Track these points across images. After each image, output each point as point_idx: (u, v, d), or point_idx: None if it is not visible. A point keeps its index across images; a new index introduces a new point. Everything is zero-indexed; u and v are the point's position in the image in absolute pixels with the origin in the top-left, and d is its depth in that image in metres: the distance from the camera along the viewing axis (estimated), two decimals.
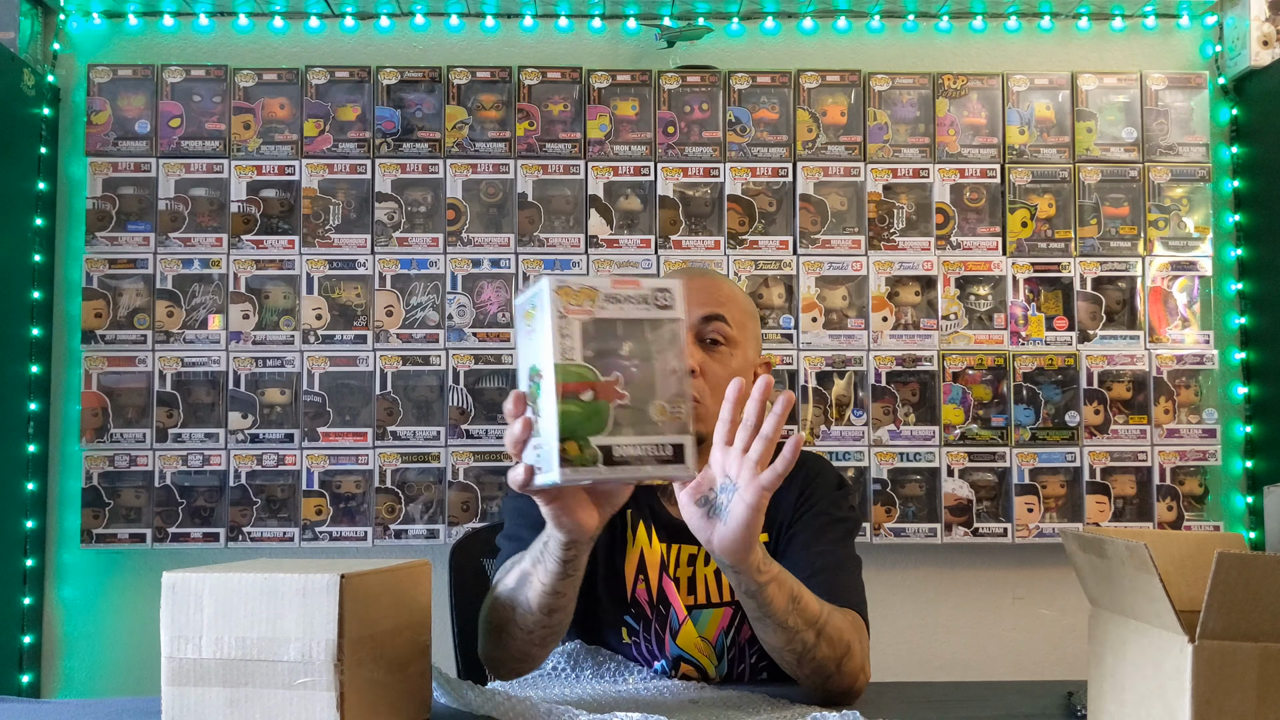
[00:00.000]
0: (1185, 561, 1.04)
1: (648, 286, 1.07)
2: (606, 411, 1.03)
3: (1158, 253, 2.74)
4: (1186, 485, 2.70)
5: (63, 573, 2.70)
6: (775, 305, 2.72)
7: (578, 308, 1.04)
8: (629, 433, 1.04)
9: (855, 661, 1.32)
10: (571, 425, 1.02)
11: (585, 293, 1.04)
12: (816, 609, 1.29)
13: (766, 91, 2.76)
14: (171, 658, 1.09)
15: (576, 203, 2.72)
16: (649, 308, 1.07)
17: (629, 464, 1.03)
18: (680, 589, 1.49)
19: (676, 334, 1.07)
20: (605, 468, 1.02)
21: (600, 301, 1.05)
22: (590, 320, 1.04)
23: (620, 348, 1.05)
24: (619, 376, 1.04)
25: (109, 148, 2.68)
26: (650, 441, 1.05)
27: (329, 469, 2.64)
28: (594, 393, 1.03)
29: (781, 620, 1.25)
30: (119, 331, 2.65)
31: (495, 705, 1.21)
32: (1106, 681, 1.06)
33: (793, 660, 1.29)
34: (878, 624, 1.49)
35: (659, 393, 1.05)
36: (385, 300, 2.68)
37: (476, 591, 1.79)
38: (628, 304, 1.06)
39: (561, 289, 1.04)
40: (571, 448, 1.02)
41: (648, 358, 1.06)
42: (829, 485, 1.54)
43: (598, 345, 1.04)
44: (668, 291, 1.08)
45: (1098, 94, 2.77)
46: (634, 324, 1.06)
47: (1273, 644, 0.89)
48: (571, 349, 1.03)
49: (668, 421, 1.05)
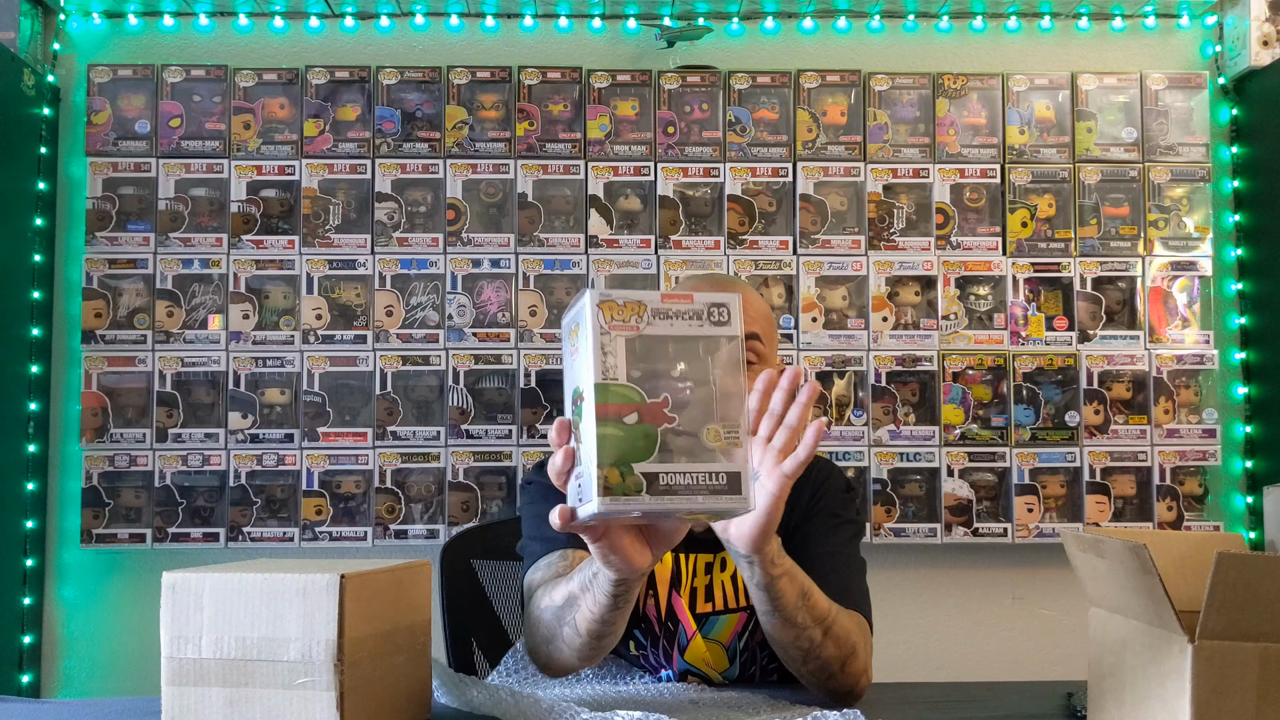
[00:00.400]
0: (1185, 561, 1.04)
1: (702, 301, 0.99)
2: (653, 436, 0.95)
3: (1158, 253, 2.74)
4: (1186, 485, 2.70)
5: (63, 573, 2.70)
6: (775, 305, 2.72)
7: (623, 323, 0.96)
8: (679, 460, 0.96)
9: (859, 663, 1.32)
10: (612, 450, 0.94)
11: (631, 307, 0.97)
12: (825, 607, 1.29)
13: (766, 91, 2.76)
14: (171, 658, 1.09)
15: (576, 203, 2.72)
16: (703, 324, 0.99)
17: (677, 494, 0.95)
18: (697, 598, 1.49)
19: (734, 353, 0.99)
20: (650, 497, 0.94)
21: (648, 317, 0.97)
22: (637, 337, 0.97)
23: (671, 368, 0.97)
24: (667, 398, 0.96)
25: (109, 148, 2.68)
26: (702, 469, 0.96)
27: (329, 469, 2.64)
28: (639, 415, 0.95)
29: (791, 615, 1.26)
30: (119, 331, 2.65)
31: (497, 704, 1.21)
32: (1106, 681, 1.06)
33: (798, 657, 1.29)
34: (877, 624, 1.49)
35: (714, 417, 0.98)
36: (385, 300, 2.68)
37: (467, 592, 1.80)
38: (679, 320, 0.98)
39: (605, 303, 0.96)
40: (613, 475, 0.94)
41: (702, 379, 0.98)
42: (838, 488, 1.55)
43: (646, 365, 0.97)
44: (724, 307, 1.00)
45: (1098, 94, 2.77)
46: (686, 341, 0.98)
47: (1273, 644, 0.89)
48: (615, 368, 0.96)
49: (723, 449, 0.97)
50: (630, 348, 0.96)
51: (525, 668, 1.47)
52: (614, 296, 0.97)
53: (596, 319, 0.96)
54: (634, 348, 0.97)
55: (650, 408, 0.96)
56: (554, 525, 1.01)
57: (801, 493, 1.53)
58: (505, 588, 1.86)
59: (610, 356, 0.96)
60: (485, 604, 1.82)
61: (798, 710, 1.26)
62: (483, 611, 1.81)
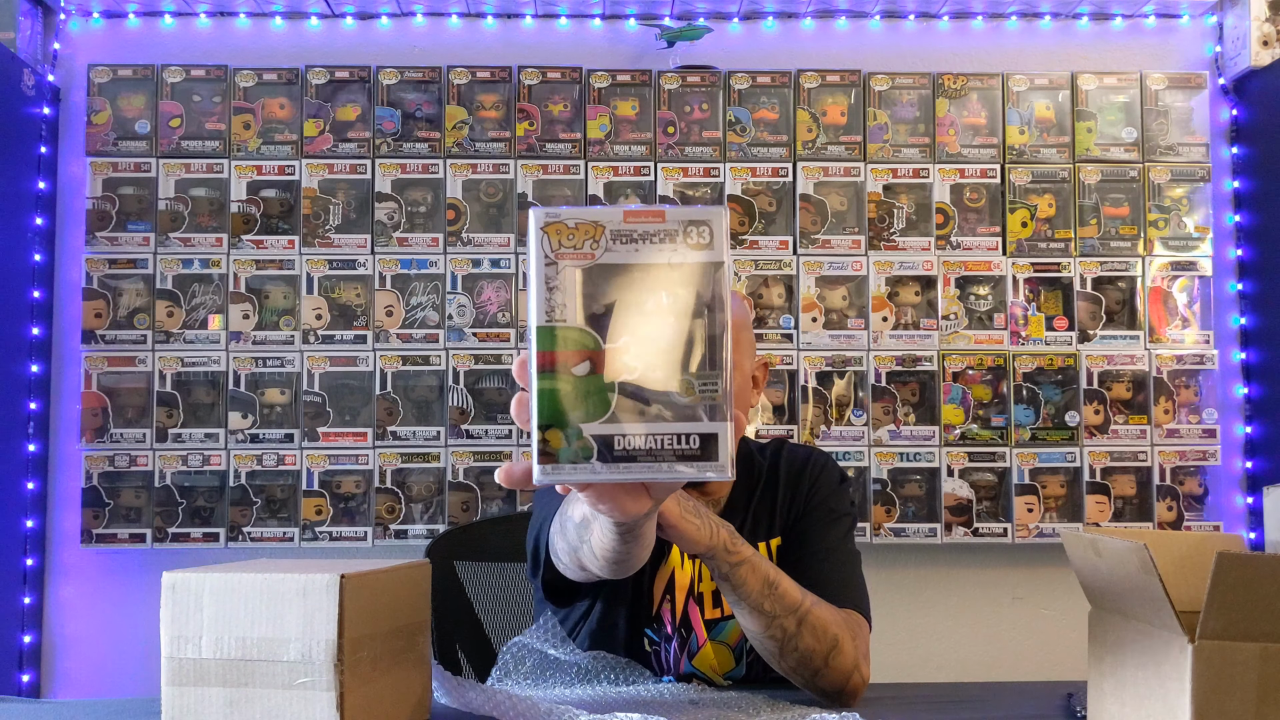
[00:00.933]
0: (1185, 561, 1.04)
1: (676, 219, 0.80)
2: (609, 390, 0.79)
3: (1158, 253, 2.74)
4: (1186, 485, 2.70)
5: (63, 573, 2.70)
6: (775, 305, 2.72)
7: (574, 250, 0.79)
8: (641, 419, 0.79)
9: (846, 658, 1.31)
10: (553, 409, 0.79)
11: (586, 229, 0.79)
12: (797, 597, 1.28)
13: (766, 91, 2.76)
14: (171, 658, 1.09)
15: (577, 203, 2.71)
16: (677, 247, 0.80)
17: (636, 460, 0.79)
18: (705, 603, 1.49)
19: (717, 283, 0.80)
20: (602, 465, 0.78)
21: (607, 240, 0.79)
22: (592, 266, 0.79)
23: (636, 303, 0.80)
24: (628, 342, 0.79)
25: (109, 148, 2.68)
26: (669, 431, 0.79)
27: (329, 469, 2.63)
28: (591, 364, 0.79)
29: (756, 604, 1.25)
30: (119, 331, 2.65)
31: (496, 705, 1.21)
32: (1106, 682, 1.06)
33: (774, 649, 1.29)
34: (878, 624, 1.49)
35: (689, 364, 0.79)
36: (385, 300, 2.68)
37: (450, 594, 1.80)
38: (646, 243, 0.80)
39: (552, 225, 0.79)
40: (555, 438, 0.79)
41: (676, 317, 0.80)
42: (833, 481, 1.55)
43: (604, 300, 0.79)
44: (704, 225, 0.80)
45: (1098, 94, 2.77)
46: (657, 270, 0.80)
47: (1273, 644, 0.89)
48: (562, 306, 0.79)
49: (696, 403, 0.79)
50: (586, 280, 0.79)
51: (521, 667, 1.47)
52: (563, 217, 0.79)
53: (541, 245, 0.79)
54: (590, 279, 0.79)
55: (606, 354, 0.79)
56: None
57: (799, 484, 1.53)
58: (487, 589, 1.86)
59: (557, 292, 0.79)
60: (468, 606, 1.82)
61: (797, 711, 1.26)
62: (466, 614, 1.81)
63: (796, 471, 1.56)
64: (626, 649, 1.48)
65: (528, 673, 1.45)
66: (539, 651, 1.48)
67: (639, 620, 1.48)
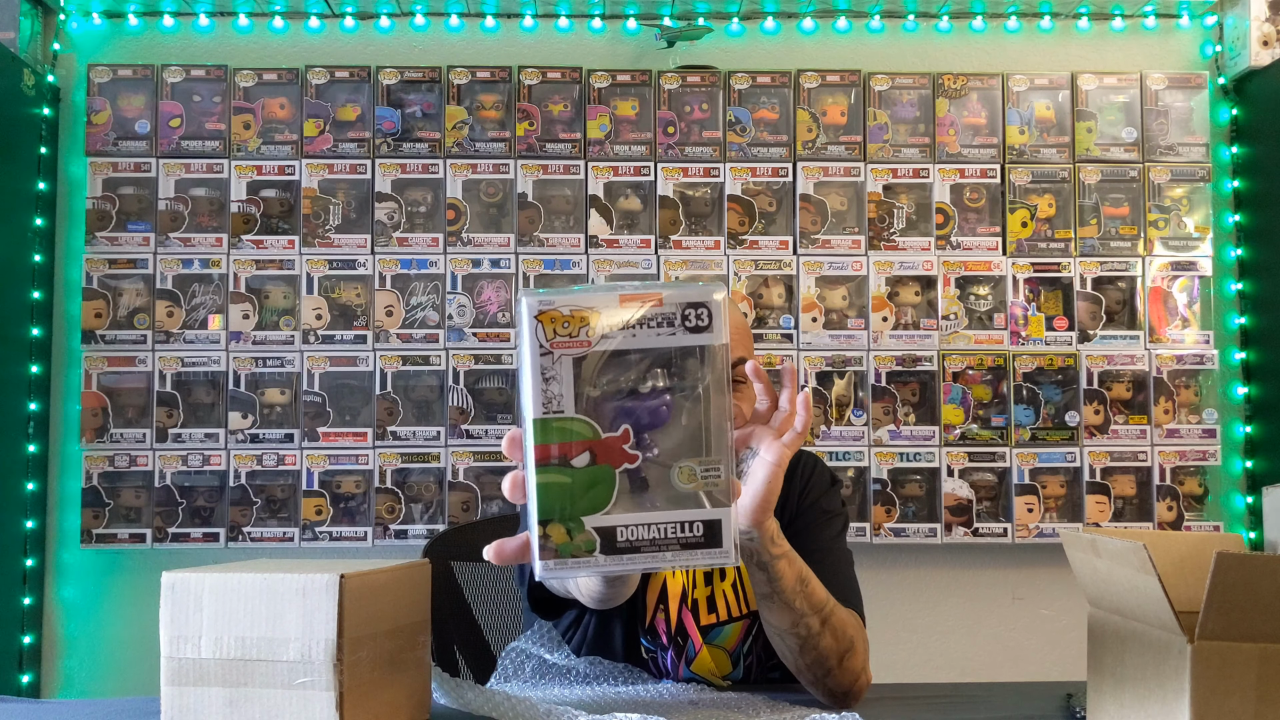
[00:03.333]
0: (1185, 562, 1.04)
1: (674, 303, 0.78)
2: (609, 481, 0.77)
3: (1158, 253, 2.74)
4: (1186, 485, 2.70)
5: (63, 573, 2.70)
6: (775, 305, 2.72)
7: (569, 338, 0.78)
8: (643, 508, 0.77)
9: (857, 659, 1.32)
10: (553, 504, 0.77)
11: (579, 317, 0.77)
12: (823, 596, 1.29)
13: (766, 91, 2.76)
14: (171, 658, 1.09)
15: (576, 203, 2.72)
16: (675, 331, 0.78)
17: (640, 551, 0.77)
18: (700, 610, 1.49)
19: (718, 367, 0.79)
20: (605, 558, 0.77)
21: (601, 326, 0.78)
22: (586, 354, 0.78)
23: (635, 389, 0.78)
24: (627, 431, 0.77)
25: (109, 148, 2.68)
26: (671, 519, 0.77)
27: (329, 469, 2.63)
28: (591, 455, 0.77)
29: (789, 599, 1.26)
30: (119, 331, 2.65)
31: (495, 705, 1.21)
32: (1106, 682, 1.06)
33: (795, 646, 1.29)
34: (878, 624, 1.49)
35: (690, 449, 0.78)
36: (385, 300, 2.68)
37: (447, 595, 1.80)
38: (643, 329, 0.78)
39: (546, 313, 0.78)
40: (557, 533, 0.77)
41: (678, 400, 0.78)
42: (824, 482, 1.56)
43: (602, 387, 0.78)
44: (703, 309, 0.78)
45: (1098, 94, 2.77)
46: (655, 355, 0.78)
47: (1272, 644, 0.89)
48: (558, 397, 0.77)
49: (700, 490, 0.78)
50: (580, 369, 0.78)
51: (522, 669, 1.47)
52: (557, 304, 0.78)
53: (535, 335, 0.78)
54: (586, 368, 0.78)
55: (606, 444, 0.77)
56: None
57: (791, 488, 1.53)
58: (484, 590, 1.86)
59: (554, 383, 0.78)
60: (465, 607, 1.82)
61: (797, 712, 1.26)
62: (463, 615, 1.81)
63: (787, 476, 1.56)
64: (624, 659, 1.48)
65: (527, 678, 1.45)
66: (537, 656, 1.48)
67: (634, 632, 1.48)
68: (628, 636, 1.48)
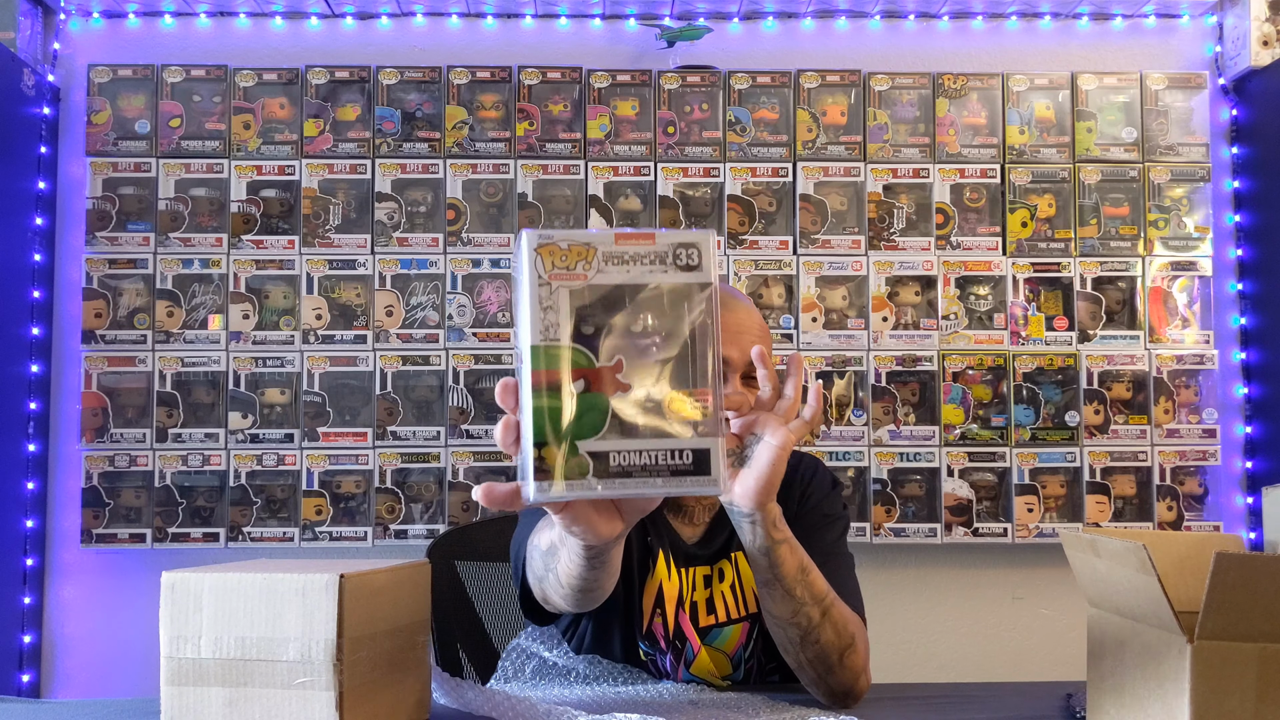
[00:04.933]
0: (1185, 562, 1.04)
1: (666, 242, 0.83)
2: (603, 407, 0.81)
3: (1158, 253, 2.74)
4: (1186, 485, 2.70)
5: (63, 572, 2.70)
6: (775, 305, 2.72)
7: (566, 271, 0.82)
8: (635, 435, 0.81)
9: (858, 657, 1.31)
10: (548, 427, 0.80)
11: (578, 251, 0.82)
12: (824, 588, 1.29)
13: (766, 91, 2.76)
14: (171, 658, 1.09)
15: (576, 203, 2.72)
16: (667, 269, 0.83)
17: (631, 476, 0.81)
18: (699, 612, 1.48)
19: (706, 304, 0.84)
20: (598, 481, 0.81)
21: (598, 262, 0.82)
22: (585, 287, 0.82)
23: (628, 323, 0.83)
24: (621, 361, 0.82)
25: (109, 148, 2.68)
26: (663, 446, 0.82)
27: (329, 469, 2.64)
28: (586, 382, 0.81)
29: (790, 588, 1.25)
30: (119, 331, 2.65)
31: (495, 705, 1.21)
32: (1106, 682, 1.06)
33: (796, 637, 1.28)
34: (877, 624, 1.49)
35: (680, 381, 0.83)
36: (385, 300, 2.68)
37: (451, 594, 1.80)
38: (637, 265, 0.83)
39: (545, 247, 0.82)
40: (550, 455, 0.80)
41: (667, 336, 0.83)
42: (825, 485, 1.55)
43: (596, 321, 0.82)
44: (694, 248, 0.84)
45: (1098, 94, 2.77)
46: (648, 290, 0.83)
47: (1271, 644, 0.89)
48: (555, 326, 0.81)
49: (689, 419, 0.82)
50: (576, 300, 0.82)
51: (523, 670, 1.47)
52: (556, 239, 0.82)
53: (534, 266, 0.82)
54: (581, 300, 0.82)
55: (600, 373, 0.81)
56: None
57: (790, 491, 1.53)
58: (488, 590, 1.86)
59: (550, 312, 0.81)
60: (469, 607, 1.82)
61: (796, 713, 1.26)
62: (467, 614, 1.81)
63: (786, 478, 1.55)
64: (624, 661, 1.48)
65: (527, 679, 1.45)
66: (538, 657, 1.48)
67: (631, 637, 1.48)
68: (625, 641, 1.48)
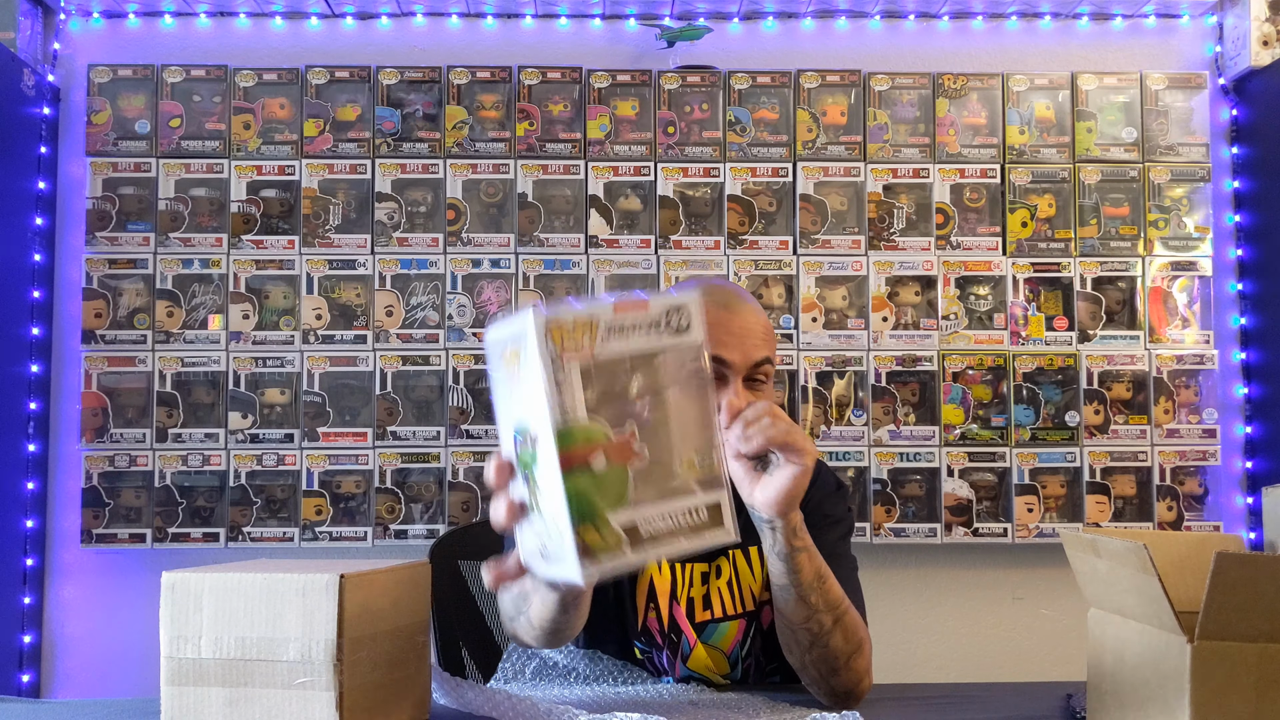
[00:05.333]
0: (1185, 562, 1.04)
1: (657, 307, 0.85)
2: (625, 478, 0.82)
3: (1158, 253, 2.74)
4: (1186, 485, 2.70)
5: (63, 572, 2.70)
6: (775, 305, 2.72)
7: (575, 349, 0.81)
8: (652, 500, 0.83)
9: (863, 661, 1.32)
10: (584, 507, 0.81)
11: (583, 327, 0.82)
12: (839, 595, 1.30)
13: (766, 91, 2.76)
14: (171, 658, 1.09)
15: (576, 203, 2.72)
16: (661, 334, 0.85)
17: (660, 540, 0.84)
18: (695, 607, 1.49)
19: (698, 364, 0.87)
20: (632, 551, 0.82)
21: (602, 334, 0.83)
22: (591, 361, 0.83)
23: (631, 390, 0.84)
24: (634, 430, 0.83)
25: (109, 148, 2.68)
26: (681, 507, 0.85)
27: (329, 469, 2.63)
28: (606, 456, 0.82)
29: (805, 594, 1.26)
30: (119, 331, 2.65)
31: (495, 705, 1.21)
32: (1106, 682, 1.06)
33: (806, 641, 1.29)
34: (878, 624, 1.49)
35: (683, 441, 0.85)
36: (385, 300, 2.68)
37: (454, 594, 1.80)
38: (635, 333, 0.84)
39: (554, 326, 0.81)
40: (590, 535, 0.81)
41: (663, 397, 0.85)
42: (829, 487, 1.55)
43: (604, 392, 0.83)
44: (683, 309, 0.86)
45: (1098, 94, 2.77)
46: (645, 357, 0.85)
47: (1272, 644, 0.89)
48: (574, 405, 0.81)
49: (699, 478, 0.85)
50: (586, 375, 0.82)
51: (524, 670, 1.47)
52: (563, 318, 0.81)
53: (546, 347, 0.80)
54: (589, 374, 0.82)
55: (617, 445, 0.82)
56: (489, 586, 0.93)
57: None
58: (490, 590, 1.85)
59: (567, 391, 0.81)
60: (472, 606, 1.82)
61: (797, 713, 1.26)
62: (470, 614, 1.81)
63: None
64: (621, 659, 1.48)
65: (528, 679, 1.45)
66: (539, 656, 1.48)
67: (626, 638, 1.48)
68: (621, 643, 1.48)
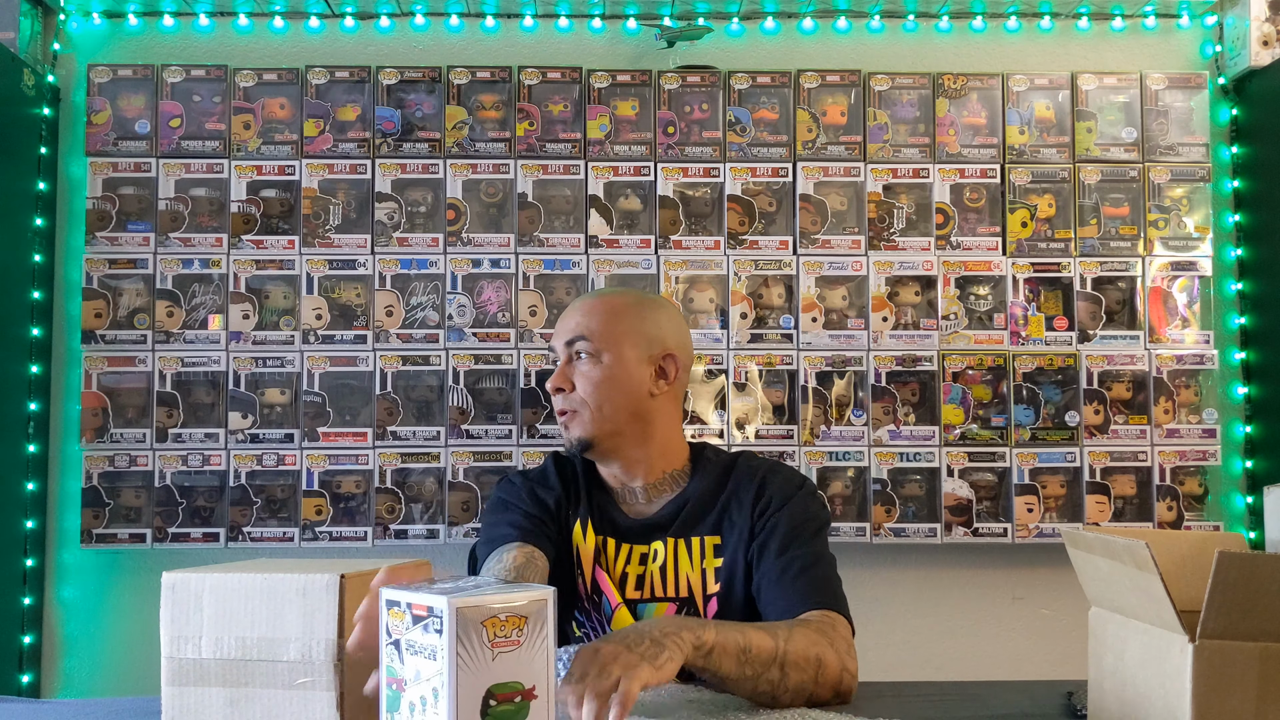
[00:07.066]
0: (1185, 561, 1.04)
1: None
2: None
3: (1158, 253, 2.74)
4: (1186, 485, 2.70)
5: (63, 573, 2.70)
6: (775, 305, 2.72)
7: (504, 638, 0.94)
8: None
9: (831, 671, 1.32)
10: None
11: (513, 622, 0.94)
12: (771, 646, 1.29)
13: (766, 91, 2.76)
14: (171, 658, 1.09)
15: (576, 203, 2.72)
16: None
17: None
18: (628, 584, 1.53)
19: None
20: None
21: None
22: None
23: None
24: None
25: (109, 148, 2.68)
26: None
27: (329, 469, 2.63)
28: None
29: (737, 676, 1.27)
30: (119, 331, 2.65)
31: None
32: (1107, 681, 1.06)
33: (768, 698, 1.30)
34: (877, 624, 1.50)
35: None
36: (385, 300, 2.67)
37: None
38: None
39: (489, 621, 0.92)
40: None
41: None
42: (789, 488, 1.56)
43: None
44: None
45: (1098, 94, 2.77)
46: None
47: (1273, 644, 0.89)
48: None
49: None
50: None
51: None
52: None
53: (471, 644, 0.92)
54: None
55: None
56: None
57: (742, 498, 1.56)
58: None
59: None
60: None
61: (797, 712, 1.26)
62: None
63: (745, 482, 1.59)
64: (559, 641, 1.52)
65: None
66: None
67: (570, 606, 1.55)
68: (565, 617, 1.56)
